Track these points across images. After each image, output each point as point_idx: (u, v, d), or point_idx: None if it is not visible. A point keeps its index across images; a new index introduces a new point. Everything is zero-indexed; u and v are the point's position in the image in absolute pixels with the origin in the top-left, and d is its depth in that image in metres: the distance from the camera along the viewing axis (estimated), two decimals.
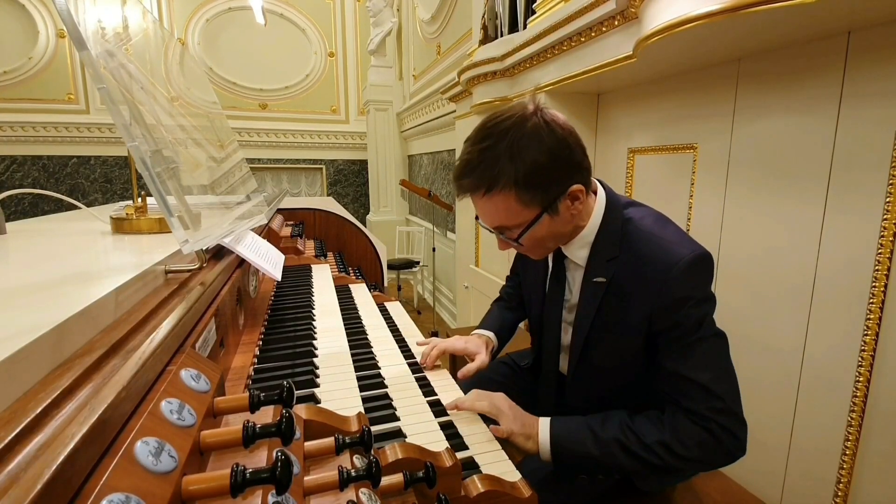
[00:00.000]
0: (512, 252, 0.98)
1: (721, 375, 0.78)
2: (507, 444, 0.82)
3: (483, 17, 2.48)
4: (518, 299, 1.25)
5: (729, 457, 0.79)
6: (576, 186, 0.77)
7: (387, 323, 1.28)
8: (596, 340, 0.89)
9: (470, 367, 1.03)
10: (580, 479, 0.94)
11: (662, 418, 0.80)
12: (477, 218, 0.88)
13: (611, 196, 0.88)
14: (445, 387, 0.96)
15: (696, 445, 0.77)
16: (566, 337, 0.98)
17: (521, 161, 0.72)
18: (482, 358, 1.05)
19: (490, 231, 0.84)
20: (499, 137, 0.74)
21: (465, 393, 0.93)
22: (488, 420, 0.86)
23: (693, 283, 0.77)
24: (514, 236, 0.79)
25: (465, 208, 3.00)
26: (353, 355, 1.01)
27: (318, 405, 0.72)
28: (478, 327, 1.21)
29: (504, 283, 1.33)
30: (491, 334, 1.16)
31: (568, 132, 0.76)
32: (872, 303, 1.02)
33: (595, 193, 0.87)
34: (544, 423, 0.84)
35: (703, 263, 0.78)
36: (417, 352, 1.11)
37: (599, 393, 0.96)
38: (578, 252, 0.88)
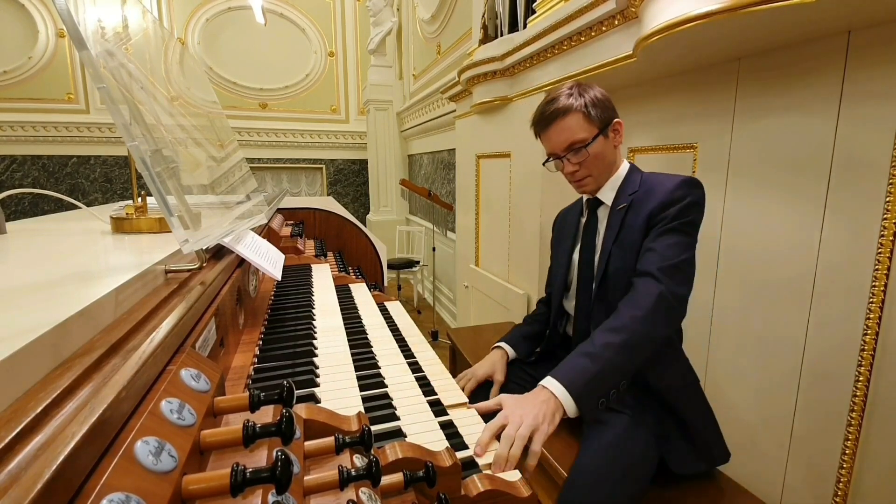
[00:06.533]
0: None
1: (684, 261, 0.97)
2: None
3: (483, 16, 2.48)
4: (539, 321, 1.38)
5: (675, 318, 0.97)
6: (618, 120, 1.13)
7: (387, 323, 1.28)
8: (616, 255, 1.09)
9: (486, 405, 0.92)
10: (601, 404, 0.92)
11: (625, 299, 0.97)
12: (545, 162, 1.19)
13: (631, 164, 1.20)
14: (445, 387, 0.96)
15: (652, 306, 0.92)
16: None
17: (587, 96, 1.10)
18: (498, 379, 1.22)
19: (562, 159, 1.12)
20: (569, 88, 1.12)
21: (468, 396, 0.93)
22: (490, 415, 0.86)
23: (685, 190, 1.01)
24: (585, 143, 1.09)
25: (466, 208, 3.00)
26: (353, 355, 1.01)
27: (318, 405, 0.72)
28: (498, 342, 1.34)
29: (526, 314, 1.47)
30: (506, 345, 1.31)
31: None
32: (872, 302, 1.02)
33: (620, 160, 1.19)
34: (550, 382, 0.89)
35: (696, 182, 1.03)
36: (418, 352, 1.11)
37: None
38: (609, 193, 1.16)
